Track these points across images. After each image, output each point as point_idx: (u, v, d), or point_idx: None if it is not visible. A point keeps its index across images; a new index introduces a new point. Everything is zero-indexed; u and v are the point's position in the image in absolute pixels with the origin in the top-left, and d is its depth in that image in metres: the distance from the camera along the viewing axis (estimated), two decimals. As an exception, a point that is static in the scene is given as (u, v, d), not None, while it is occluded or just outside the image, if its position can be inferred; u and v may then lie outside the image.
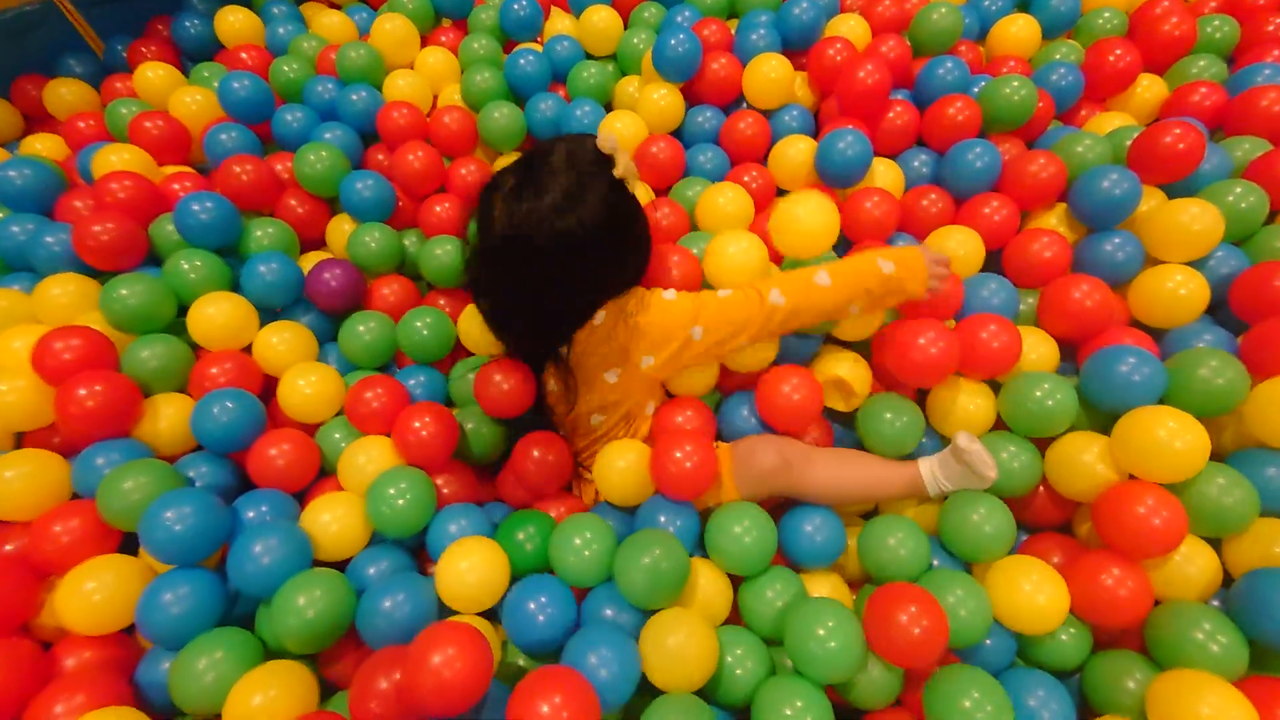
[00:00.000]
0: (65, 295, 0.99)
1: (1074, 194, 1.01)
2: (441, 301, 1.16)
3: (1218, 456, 0.81)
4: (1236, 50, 1.19)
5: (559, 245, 0.75)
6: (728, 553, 0.80)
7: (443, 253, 1.12)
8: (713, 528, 0.82)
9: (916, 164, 1.13)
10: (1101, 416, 0.87)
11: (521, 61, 1.27)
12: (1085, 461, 0.82)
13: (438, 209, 1.18)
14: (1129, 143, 1.01)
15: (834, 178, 1.08)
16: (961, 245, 0.99)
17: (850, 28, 1.22)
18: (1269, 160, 0.97)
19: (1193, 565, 0.78)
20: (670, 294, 0.85)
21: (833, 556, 0.84)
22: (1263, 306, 0.89)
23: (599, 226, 0.75)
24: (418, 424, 0.87)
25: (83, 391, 0.85)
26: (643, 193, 0.85)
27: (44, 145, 1.27)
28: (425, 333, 1.05)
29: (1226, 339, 0.91)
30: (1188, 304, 0.92)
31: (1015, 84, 1.08)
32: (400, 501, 0.83)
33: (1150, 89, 1.15)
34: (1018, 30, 1.23)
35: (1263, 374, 0.84)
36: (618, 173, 0.77)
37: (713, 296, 0.84)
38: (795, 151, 1.12)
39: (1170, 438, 0.75)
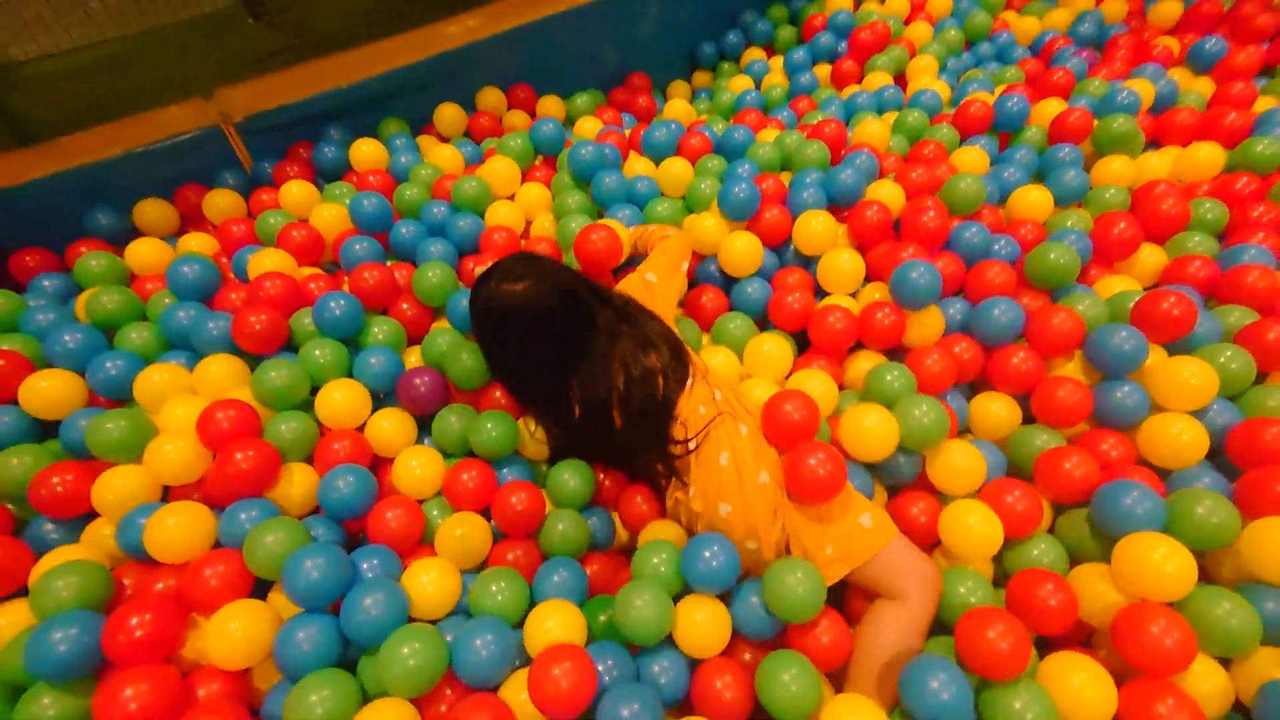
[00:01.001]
0: (220, 372, 1.18)
1: (1089, 346, 1.16)
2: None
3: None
4: (1227, 229, 1.37)
5: None
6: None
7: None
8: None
9: (952, 311, 1.29)
10: (1111, 544, 0.98)
11: (608, 179, 1.50)
12: (1099, 590, 0.92)
13: None
14: (1131, 305, 1.18)
15: (908, 301, 1.24)
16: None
17: (888, 192, 1.43)
18: (1256, 329, 1.12)
19: (1206, 683, 0.86)
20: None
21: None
22: (1254, 456, 1.01)
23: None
24: (514, 499, 1.02)
25: (239, 456, 1.02)
26: None
27: (198, 242, 1.51)
28: (494, 433, 1.18)
29: (1223, 484, 1.02)
30: (1189, 449, 1.04)
31: (1059, 251, 1.24)
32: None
33: (1151, 257, 1.32)
34: (1034, 199, 1.43)
35: (1255, 515, 0.95)
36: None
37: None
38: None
39: (1163, 561, 0.86)
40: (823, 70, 2.06)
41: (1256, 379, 1.11)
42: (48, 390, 1.14)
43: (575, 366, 1.04)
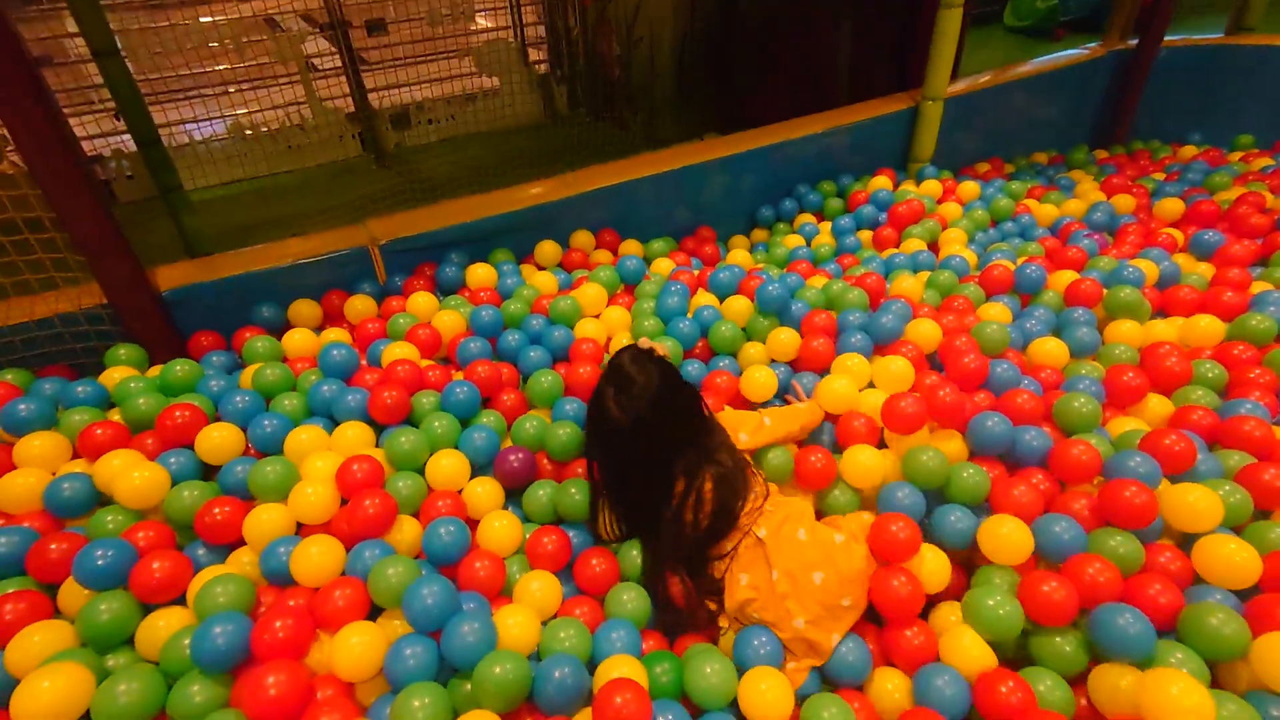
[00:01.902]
0: (354, 436, 1.42)
1: (1108, 469, 1.31)
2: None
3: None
4: (1227, 387, 1.55)
5: None
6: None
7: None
8: None
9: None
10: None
11: (670, 300, 1.79)
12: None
13: None
14: (1138, 441, 1.34)
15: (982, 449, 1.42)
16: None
17: (926, 328, 1.66)
18: (1253, 469, 1.27)
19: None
20: None
21: None
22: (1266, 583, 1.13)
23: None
24: (594, 562, 1.19)
25: (367, 502, 1.23)
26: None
27: (336, 335, 1.82)
28: (578, 497, 1.38)
29: (1234, 600, 1.13)
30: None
31: (1082, 400, 1.43)
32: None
33: (1159, 406, 1.50)
34: (1051, 349, 1.64)
35: (1263, 630, 1.05)
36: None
37: None
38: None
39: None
40: (865, 235, 2.40)
41: (1256, 515, 1.24)
42: (217, 440, 1.40)
43: (662, 476, 1.21)
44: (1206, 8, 4.75)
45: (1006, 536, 1.21)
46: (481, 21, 4.38)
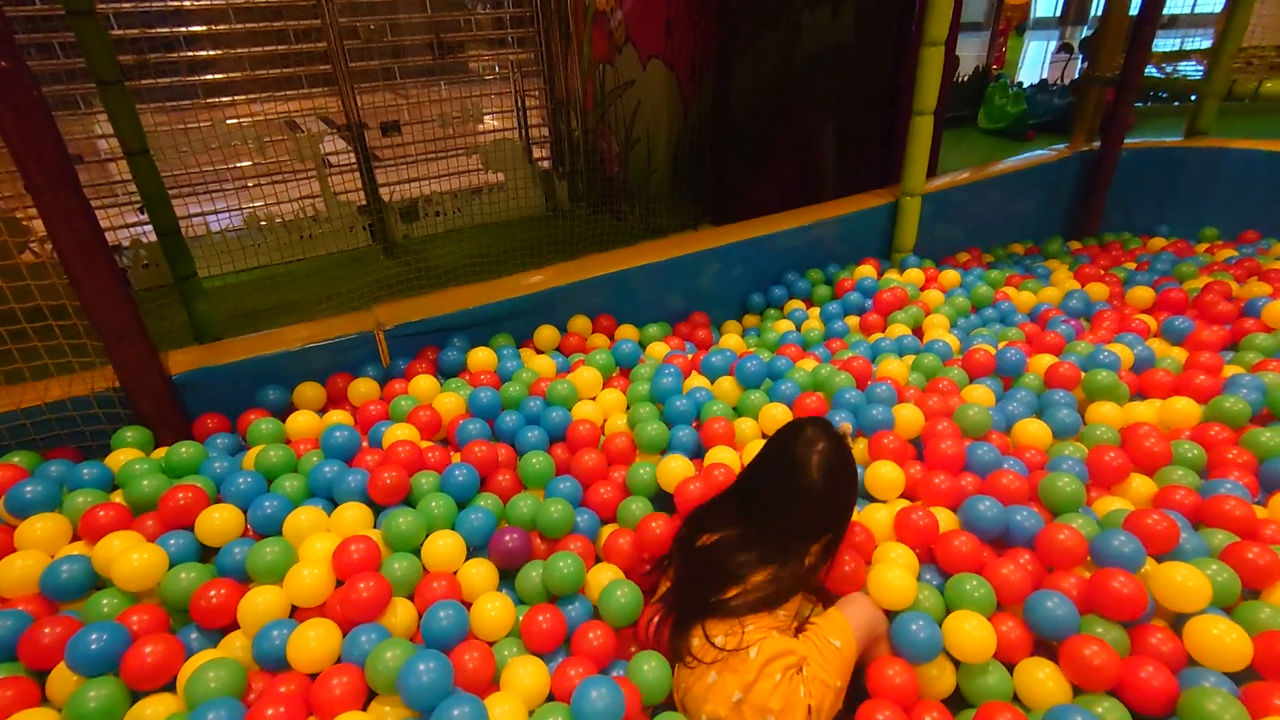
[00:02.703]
0: (353, 517, 1.44)
1: (1095, 549, 1.32)
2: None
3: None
4: (1207, 466, 1.59)
5: None
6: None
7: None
8: None
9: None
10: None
11: (664, 380, 1.86)
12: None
13: (602, 491, 1.61)
14: (1123, 520, 1.37)
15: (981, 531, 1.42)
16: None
17: (909, 413, 1.72)
18: (1237, 548, 1.29)
19: None
20: None
21: None
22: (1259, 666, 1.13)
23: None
24: (592, 635, 1.19)
25: (361, 585, 1.24)
26: None
27: (339, 416, 1.87)
28: (566, 571, 1.38)
29: (1229, 683, 1.12)
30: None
31: (1066, 480, 1.46)
32: None
33: (1142, 486, 1.53)
34: (1034, 430, 1.69)
35: (1261, 715, 1.04)
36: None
37: None
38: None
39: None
40: (852, 320, 2.49)
41: (1245, 595, 1.25)
42: (218, 521, 1.42)
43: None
44: (1171, 113, 5.10)
45: (970, 633, 1.21)
46: (489, 122, 4.67)
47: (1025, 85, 6.77)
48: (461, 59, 4.72)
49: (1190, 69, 3.80)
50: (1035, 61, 10.88)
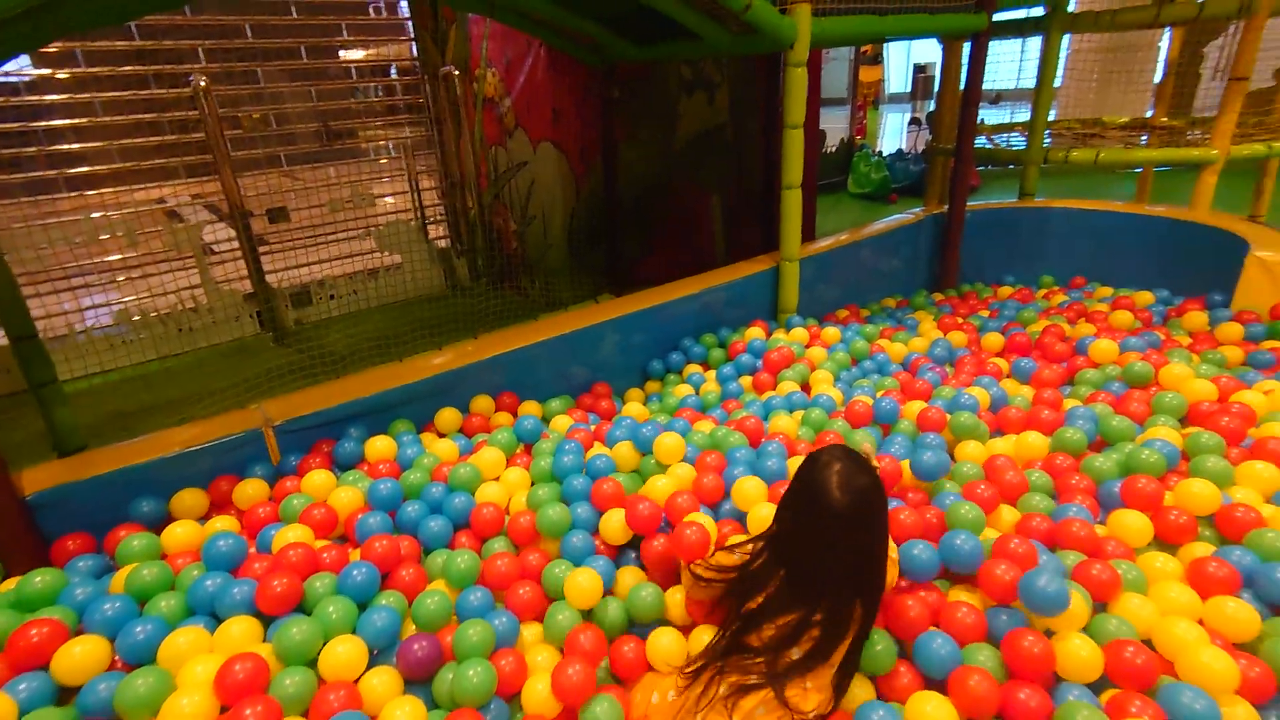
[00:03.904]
0: (240, 633, 1.35)
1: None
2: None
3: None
4: (1057, 491, 1.77)
5: None
6: None
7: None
8: None
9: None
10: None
11: (565, 459, 1.86)
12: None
13: (522, 591, 1.56)
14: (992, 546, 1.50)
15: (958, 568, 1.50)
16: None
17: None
18: (1083, 566, 1.44)
19: None
20: None
21: None
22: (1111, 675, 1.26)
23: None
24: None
25: (248, 712, 1.16)
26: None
27: (223, 524, 1.76)
28: (475, 680, 1.33)
29: (1090, 694, 1.24)
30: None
31: (967, 507, 1.61)
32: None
33: (1007, 514, 1.69)
34: (909, 473, 1.83)
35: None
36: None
37: None
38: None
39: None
40: (746, 380, 2.63)
41: (1096, 609, 1.39)
42: (79, 656, 1.29)
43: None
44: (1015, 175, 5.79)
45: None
46: (384, 203, 4.67)
47: (885, 154, 7.53)
48: (352, 143, 4.74)
49: (1017, 140, 4.37)
50: (895, 131, 12.14)
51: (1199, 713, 1.15)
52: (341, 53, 4.94)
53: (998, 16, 3.40)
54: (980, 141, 4.31)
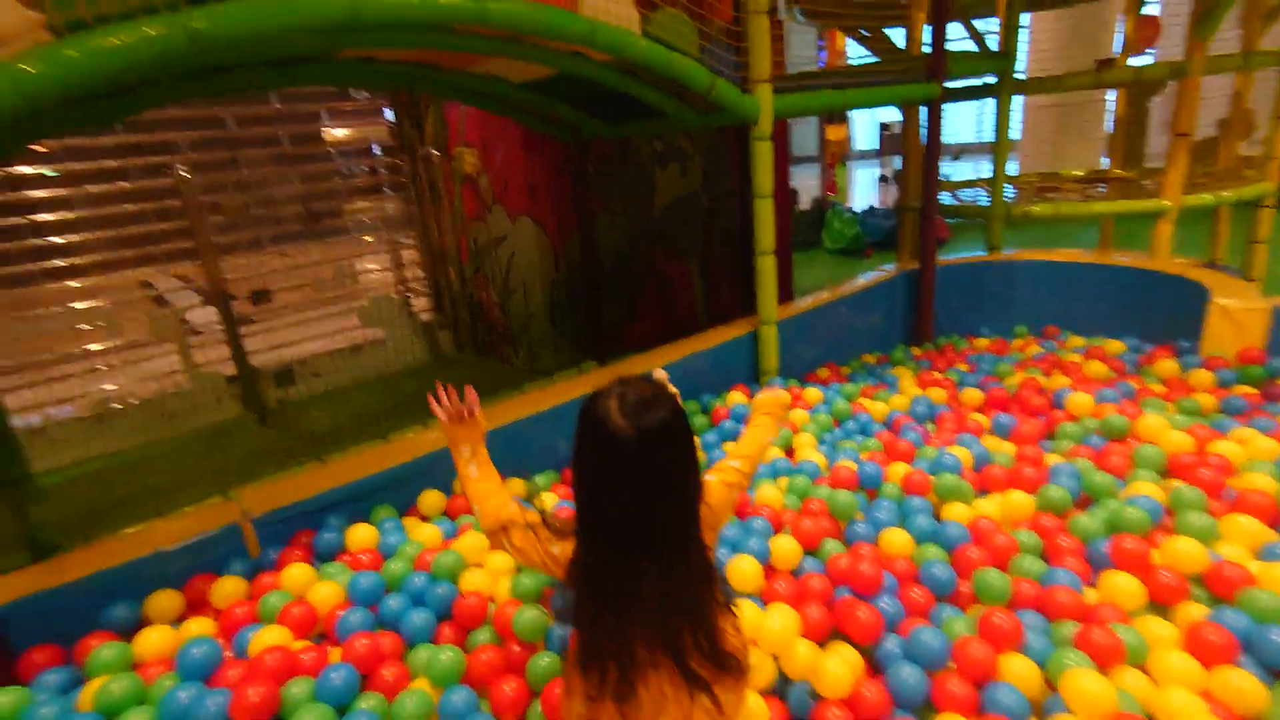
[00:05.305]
0: (213, 749, 1.29)
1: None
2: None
3: None
4: (1045, 552, 1.77)
5: None
6: None
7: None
8: None
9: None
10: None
11: None
12: None
13: (506, 689, 1.50)
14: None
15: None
16: None
17: (786, 543, 1.80)
18: (1084, 633, 1.42)
19: None
20: None
21: None
22: None
23: None
24: None
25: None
26: None
27: (199, 626, 1.70)
28: None
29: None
30: None
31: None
32: None
33: (996, 579, 1.67)
34: (897, 538, 1.82)
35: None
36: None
37: None
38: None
39: None
40: (730, 446, 2.63)
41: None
42: (41, 784, 1.22)
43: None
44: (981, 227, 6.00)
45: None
46: (365, 279, 4.72)
47: (858, 210, 7.77)
48: (334, 222, 4.82)
49: (980, 196, 4.54)
50: (865, 186, 12.56)
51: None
52: (323, 132, 5.08)
53: (951, 83, 3.59)
54: (946, 198, 4.47)
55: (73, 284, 3.70)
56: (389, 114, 4.75)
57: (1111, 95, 5.89)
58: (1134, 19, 4.46)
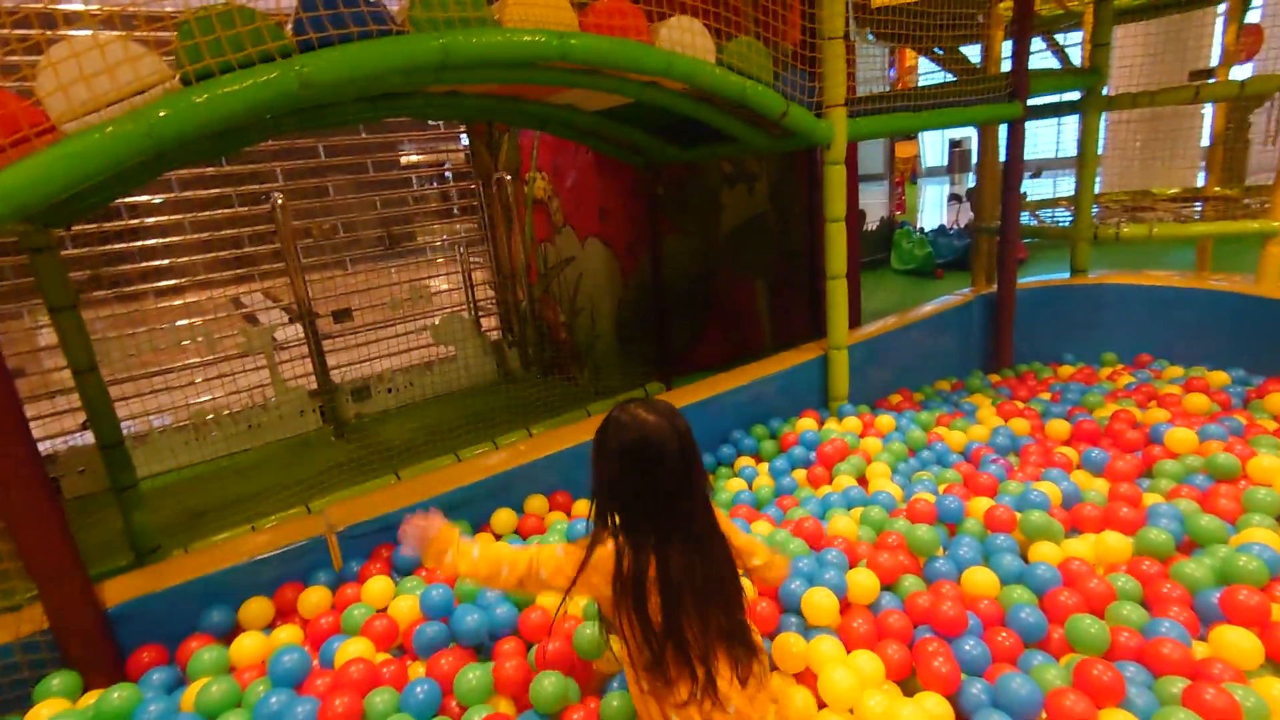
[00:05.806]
0: (303, 756, 1.35)
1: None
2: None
3: None
4: (1147, 600, 1.65)
5: None
6: None
7: None
8: None
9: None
10: None
11: None
12: None
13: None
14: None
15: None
16: None
17: (864, 577, 1.75)
18: (1193, 690, 1.33)
19: None
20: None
21: None
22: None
23: None
24: None
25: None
26: None
27: (288, 634, 1.79)
28: None
29: None
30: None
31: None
32: None
33: (1093, 625, 1.58)
34: (981, 578, 1.74)
35: None
36: None
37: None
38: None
39: None
40: (800, 474, 2.58)
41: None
42: (149, 779, 1.30)
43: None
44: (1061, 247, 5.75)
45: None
46: (439, 299, 4.90)
47: (928, 230, 7.56)
48: (410, 244, 5.04)
49: (1062, 215, 4.35)
50: (934, 205, 12.22)
51: None
52: (402, 158, 5.34)
53: (1033, 101, 3.46)
54: (1025, 217, 4.29)
55: (177, 302, 3.98)
56: (464, 139, 4.95)
57: (1208, 107, 5.56)
58: (1235, 27, 4.21)
